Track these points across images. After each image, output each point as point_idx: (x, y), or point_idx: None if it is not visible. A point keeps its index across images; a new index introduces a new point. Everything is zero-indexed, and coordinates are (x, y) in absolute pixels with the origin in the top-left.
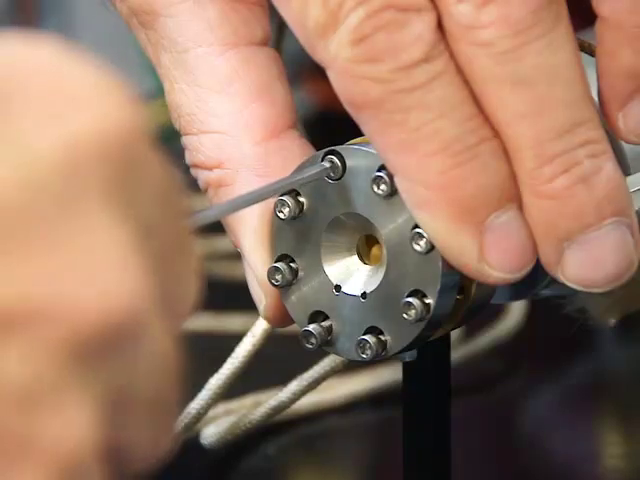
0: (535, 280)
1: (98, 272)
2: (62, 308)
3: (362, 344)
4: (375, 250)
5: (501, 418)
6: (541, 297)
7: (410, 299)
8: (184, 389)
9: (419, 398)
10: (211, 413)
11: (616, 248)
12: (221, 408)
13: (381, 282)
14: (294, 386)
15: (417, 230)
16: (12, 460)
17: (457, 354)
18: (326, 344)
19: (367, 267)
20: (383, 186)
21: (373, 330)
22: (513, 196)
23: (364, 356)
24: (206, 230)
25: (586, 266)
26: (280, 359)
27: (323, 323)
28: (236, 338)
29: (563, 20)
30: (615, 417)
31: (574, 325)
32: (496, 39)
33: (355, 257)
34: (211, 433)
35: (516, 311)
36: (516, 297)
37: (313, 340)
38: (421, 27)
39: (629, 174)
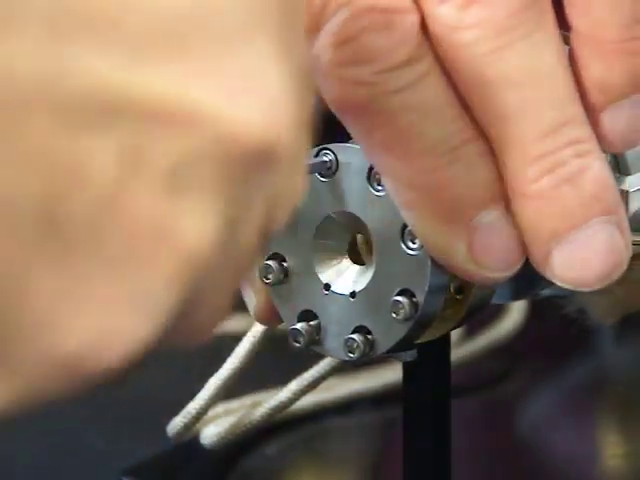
0: (535, 280)
1: (265, 95)
2: (220, 117)
3: (350, 343)
4: (365, 249)
5: (501, 418)
6: (541, 297)
7: (398, 298)
8: (184, 389)
9: (419, 398)
10: (211, 413)
11: (604, 247)
12: (221, 408)
13: (370, 281)
14: (294, 386)
15: (406, 229)
16: (148, 245)
17: (457, 354)
18: (314, 343)
19: (357, 266)
20: (376, 184)
21: (361, 329)
22: (500, 196)
23: (351, 355)
24: None
25: (575, 265)
26: (280, 359)
27: (311, 322)
28: (236, 338)
29: (547, 20)
30: (615, 417)
31: (574, 325)
32: (479, 40)
33: (345, 256)
34: (211, 433)
35: (516, 311)
36: (516, 297)
37: (301, 339)
38: (405, 29)
39: (629, 174)
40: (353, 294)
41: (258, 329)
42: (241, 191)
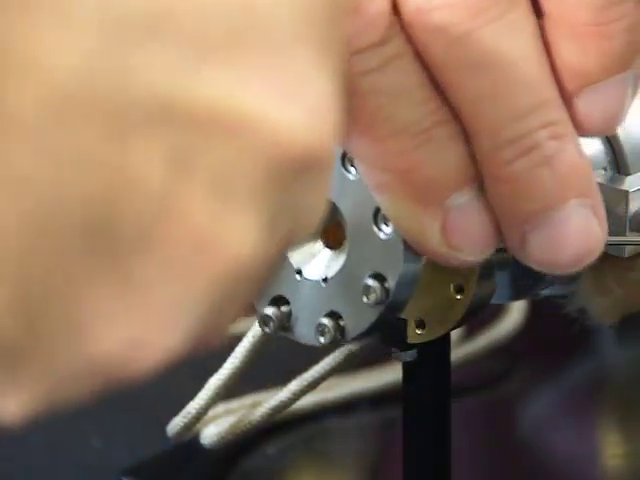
0: (535, 280)
1: (311, 102)
2: (273, 124)
3: (320, 328)
4: (338, 234)
5: (501, 418)
6: (541, 297)
7: (370, 282)
8: (184, 389)
9: (419, 398)
10: (211, 413)
11: (579, 230)
12: (221, 408)
13: (342, 266)
14: (294, 386)
15: (379, 213)
16: (192, 253)
17: (457, 354)
18: (284, 329)
19: (329, 251)
20: (349, 167)
21: (332, 314)
22: (473, 178)
23: (322, 340)
24: None
25: (549, 248)
26: (280, 359)
27: (282, 308)
28: (236, 338)
29: (521, 1)
30: (615, 417)
31: (574, 325)
32: (450, 22)
33: (318, 241)
34: (211, 433)
35: (516, 311)
36: (516, 297)
37: (271, 324)
38: (376, 10)
39: (629, 174)
40: (325, 279)
41: (258, 329)
42: (282, 193)
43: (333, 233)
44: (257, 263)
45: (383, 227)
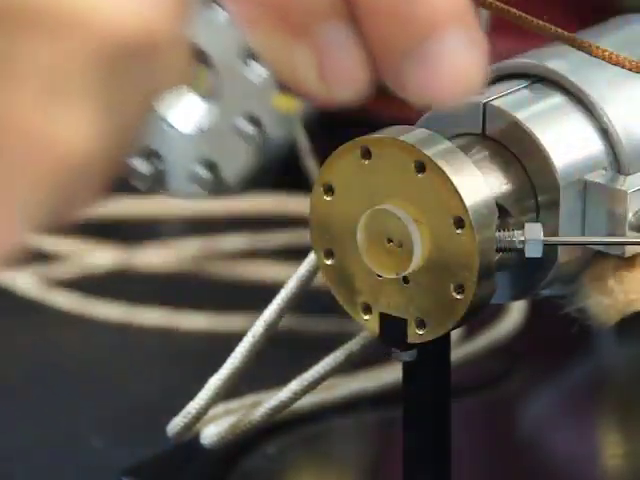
0: (535, 280)
1: None
2: (100, 14)
3: (195, 178)
4: (209, 80)
5: (501, 418)
6: (541, 297)
7: (244, 126)
8: (184, 389)
9: (419, 398)
10: (211, 413)
11: (456, 59)
12: (221, 408)
13: (215, 113)
14: (294, 386)
15: (250, 55)
16: (20, 153)
17: (457, 354)
18: (158, 184)
19: (200, 99)
20: (217, 9)
21: (207, 164)
22: (347, 11)
23: (198, 190)
24: (205, 231)
25: (425, 80)
26: (280, 359)
27: (155, 162)
28: (236, 338)
29: None
30: (615, 417)
31: (574, 325)
32: None
33: (190, 92)
34: (211, 433)
35: (516, 311)
36: (516, 297)
37: (144, 179)
38: None
39: (629, 174)
40: (197, 128)
41: (258, 329)
42: (120, 82)
43: (203, 80)
44: (99, 150)
45: (255, 69)
